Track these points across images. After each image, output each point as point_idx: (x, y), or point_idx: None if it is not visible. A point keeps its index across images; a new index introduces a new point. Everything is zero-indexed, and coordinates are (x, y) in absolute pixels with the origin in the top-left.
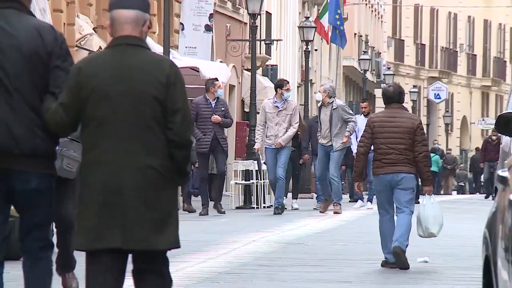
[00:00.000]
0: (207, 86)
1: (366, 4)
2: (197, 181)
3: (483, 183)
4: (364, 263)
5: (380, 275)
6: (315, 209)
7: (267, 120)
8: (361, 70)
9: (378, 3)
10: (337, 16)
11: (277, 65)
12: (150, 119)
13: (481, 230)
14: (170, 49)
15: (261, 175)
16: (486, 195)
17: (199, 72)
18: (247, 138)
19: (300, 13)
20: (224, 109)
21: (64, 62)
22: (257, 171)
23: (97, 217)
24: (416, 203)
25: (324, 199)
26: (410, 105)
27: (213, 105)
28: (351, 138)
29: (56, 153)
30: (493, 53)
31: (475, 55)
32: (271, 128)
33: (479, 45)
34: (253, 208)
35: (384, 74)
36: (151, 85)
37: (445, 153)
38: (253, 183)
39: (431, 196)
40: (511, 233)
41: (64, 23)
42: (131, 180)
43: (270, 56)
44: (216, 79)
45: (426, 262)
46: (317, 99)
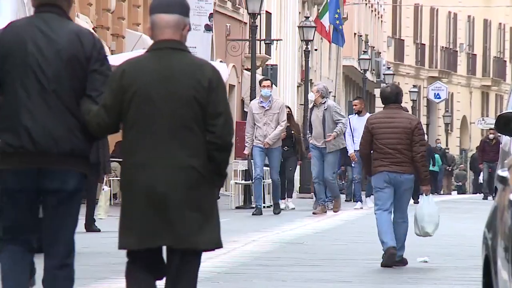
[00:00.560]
0: None
1: (366, 3)
2: None
3: (482, 183)
4: (363, 263)
5: (379, 275)
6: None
7: (255, 121)
8: (361, 69)
9: (378, 3)
10: (337, 15)
11: (277, 65)
12: (191, 121)
13: (481, 230)
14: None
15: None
16: (484, 195)
17: None
18: None
19: (300, 12)
20: None
21: (101, 66)
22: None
23: (142, 217)
24: (416, 203)
25: (320, 204)
26: (410, 105)
27: None
28: (344, 138)
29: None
30: (493, 52)
31: (475, 54)
32: (259, 128)
33: (479, 44)
34: (253, 208)
35: (384, 74)
36: (193, 88)
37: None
38: (253, 183)
39: (429, 195)
40: (511, 233)
41: None
42: (174, 180)
43: (270, 55)
44: None
45: (426, 262)
46: (309, 99)
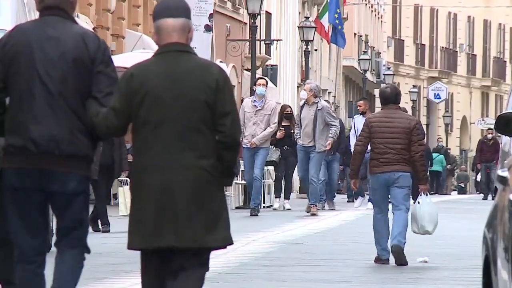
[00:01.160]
0: None
1: (366, 4)
2: None
3: (480, 184)
4: (364, 263)
5: (379, 275)
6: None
7: (245, 119)
8: (361, 70)
9: (378, 3)
10: (336, 15)
11: (277, 65)
12: (200, 122)
13: (480, 230)
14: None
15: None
16: (484, 196)
17: None
18: None
19: (300, 13)
20: None
21: (106, 67)
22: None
23: (152, 217)
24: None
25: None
26: (410, 105)
27: None
28: (339, 139)
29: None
30: (493, 53)
31: (475, 55)
32: (249, 127)
33: (479, 45)
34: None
35: (384, 74)
36: (201, 89)
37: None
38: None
39: (427, 194)
40: (511, 233)
41: None
42: (184, 181)
43: (270, 56)
44: None
45: (425, 262)
46: (301, 97)
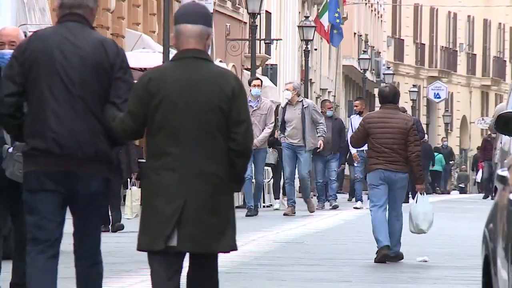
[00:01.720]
0: None
1: (366, 3)
2: None
3: (482, 183)
4: (363, 262)
5: (379, 274)
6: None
7: None
8: (361, 69)
9: (378, 2)
10: (336, 14)
11: (276, 65)
12: (214, 128)
13: (480, 229)
14: (170, 49)
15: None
16: (484, 195)
17: None
18: None
19: (299, 12)
20: None
21: (125, 74)
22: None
23: (162, 220)
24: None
25: (291, 203)
26: (409, 104)
27: None
28: (340, 137)
29: (114, 158)
30: (493, 52)
31: (475, 54)
32: None
33: (479, 44)
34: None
35: (383, 73)
36: (217, 96)
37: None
38: (252, 182)
39: (423, 194)
40: (511, 232)
41: None
42: (196, 186)
43: (269, 55)
44: None
45: (425, 261)
46: (286, 97)
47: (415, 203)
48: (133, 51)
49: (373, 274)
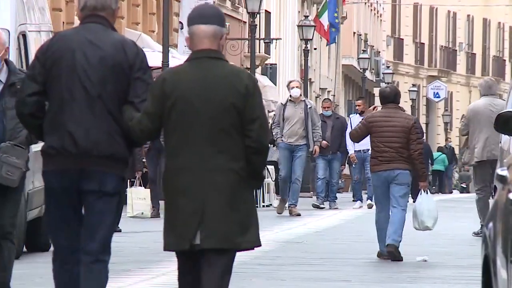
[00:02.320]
0: None
1: (365, 3)
2: None
3: None
4: (363, 262)
5: (379, 274)
6: (313, 206)
7: None
8: (360, 69)
9: (377, 2)
10: (336, 14)
11: (276, 64)
12: (230, 126)
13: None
14: (169, 48)
15: None
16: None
17: None
18: None
19: (299, 12)
20: None
21: (144, 74)
22: None
23: (185, 219)
24: (415, 201)
25: (281, 199)
26: (409, 104)
27: None
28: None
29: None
30: (492, 52)
31: (474, 54)
32: None
33: (478, 44)
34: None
35: (383, 73)
36: (231, 94)
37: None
38: None
39: (427, 191)
40: (510, 232)
41: (63, 22)
42: (215, 183)
43: (269, 55)
44: None
45: (425, 261)
46: (295, 95)
47: (419, 201)
48: None
49: (373, 273)
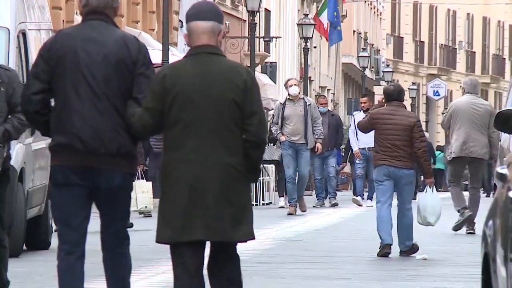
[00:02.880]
0: None
1: (365, 1)
2: None
3: (484, 181)
4: (363, 260)
5: (379, 272)
6: (314, 207)
7: None
8: (360, 67)
9: (377, 0)
10: (335, 13)
11: (276, 63)
12: (229, 121)
13: (480, 227)
14: (169, 46)
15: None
16: (487, 193)
17: None
18: None
19: (299, 10)
20: None
21: (147, 70)
22: None
23: (183, 212)
24: (413, 199)
25: (294, 202)
26: (409, 102)
27: None
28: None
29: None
30: (492, 50)
31: (474, 52)
32: None
33: (478, 42)
34: (252, 205)
35: (383, 71)
36: (230, 89)
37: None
38: None
39: (432, 187)
40: (510, 230)
41: (63, 20)
42: (213, 177)
43: (269, 53)
44: None
45: (425, 259)
46: (293, 93)
47: (424, 196)
48: None
49: (373, 271)
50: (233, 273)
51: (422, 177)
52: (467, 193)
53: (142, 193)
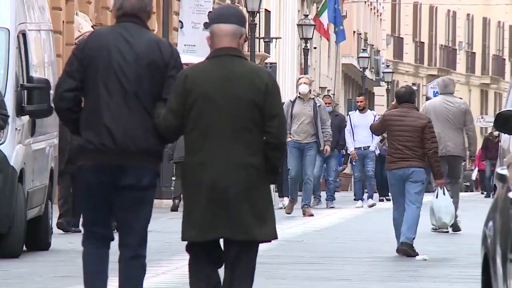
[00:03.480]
0: None
1: (365, 2)
2: None
3: (485, 181)
4: (363, 261)
5: (379, 273)
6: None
7: None
8: (360, 68)
9: (377, 1)
10: (335, 15)
11: (276, 63)
12: (250, 122)
13: (480, 228)
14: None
15: None
16: (487, 193)
17: None
18: None
19: (299, 11)
20: None
21: (178, 73)
22: None
23: (206, 211)
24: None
25: (291, 199)
26: None
27: None
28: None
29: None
30: (492, 51)
31: (474, 53)
32: None
33: (478, 43)
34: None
35: (383, 72)
36: (251, 92)
37: None
38: None
39: (444, 189)
40: (510, 230)
41: (63, 21)
42: (235, 177)
43: (269, 54)
44: None
45: (425, 260)
46: (302, 91)
47: (436, 197)
48: None
49: (372, 272)
50: (248, 271)
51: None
52: (466, 193)
53: None
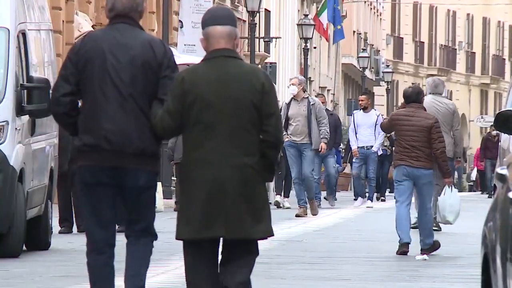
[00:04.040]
0: None
1: (365, 1)
2: None
3: (486, 181)
4: (362, 261)
5: (379, 273)
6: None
7: None
8: (360, 67)
9: (377, 0)
10: (334, 15)
11: (276, 63)
12: (247, 122)
13: (480, 228)
14: (169, 47)
15: None
16: (489, 194)
17: None
18: None
19: (299, 10)
20: None
21: (172, 72)
22: None
23: (202, 210)
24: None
25: (302, 203)
26: None
27: None
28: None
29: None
30: (492, 50)
31: (474, 52)
32: None
33: (478, 42)
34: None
35: (383, 71)
36: (248, 92)
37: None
38: None
39: (451, 188)
40: (510, 230)
41: (63, 21)
42: (232, 176)
43: (269, 53)
44: None
45: (425, 259)
46: (292, 93)
47: (443, 195)
48: None
49: (373, 272)
50: (246, 270)
51: None
52: (469, 193)
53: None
